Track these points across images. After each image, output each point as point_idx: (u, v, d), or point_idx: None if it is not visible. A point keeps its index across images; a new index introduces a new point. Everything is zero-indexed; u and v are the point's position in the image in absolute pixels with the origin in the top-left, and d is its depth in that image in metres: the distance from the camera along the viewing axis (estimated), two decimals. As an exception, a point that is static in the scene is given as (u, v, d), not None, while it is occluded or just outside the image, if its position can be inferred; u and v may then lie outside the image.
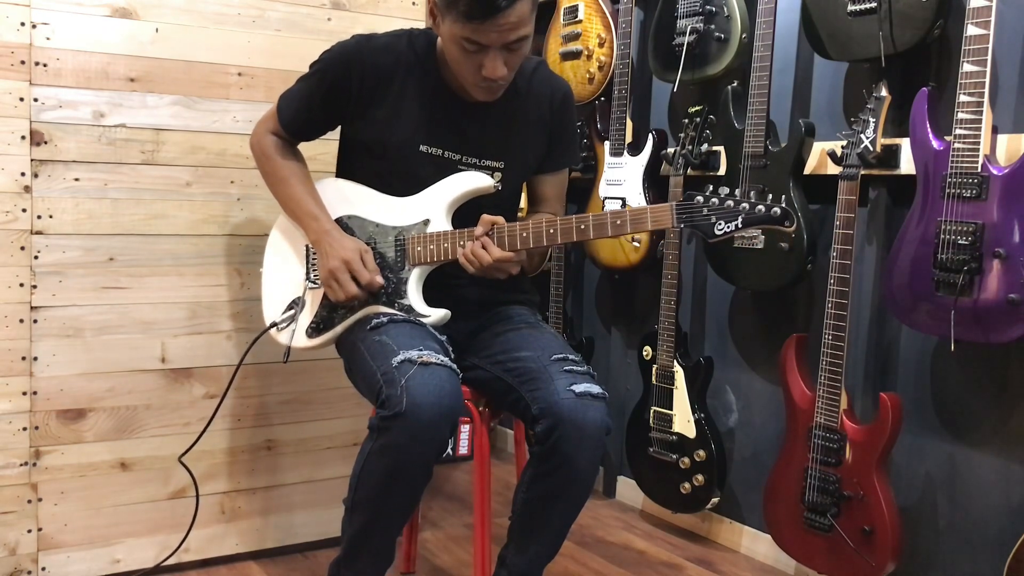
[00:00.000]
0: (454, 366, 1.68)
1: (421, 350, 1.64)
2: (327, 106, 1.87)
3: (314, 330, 1.89)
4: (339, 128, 1.94)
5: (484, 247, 1.73)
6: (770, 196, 1.63)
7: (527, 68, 1.89)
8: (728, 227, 1.61)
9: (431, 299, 1.83)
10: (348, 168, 1.94)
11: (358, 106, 1.84)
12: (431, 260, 1.81)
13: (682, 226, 1.64)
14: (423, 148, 1.83)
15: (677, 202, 1.64)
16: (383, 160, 1.86)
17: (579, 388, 1.67)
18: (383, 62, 1.81)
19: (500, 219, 1.75)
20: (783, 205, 1.58)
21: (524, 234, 1.73)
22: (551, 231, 1.71)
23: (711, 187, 1.64)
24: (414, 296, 1.81)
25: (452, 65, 1.76)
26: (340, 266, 1.78)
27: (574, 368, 1.72)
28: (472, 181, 1.83)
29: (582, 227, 1.70)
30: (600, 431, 1.67)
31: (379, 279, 1.81)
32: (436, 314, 1.80)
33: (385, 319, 1.77)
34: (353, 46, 1.83)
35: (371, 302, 1.84)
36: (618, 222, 1.68)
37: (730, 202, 1.60)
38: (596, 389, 1.69)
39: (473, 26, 1.63)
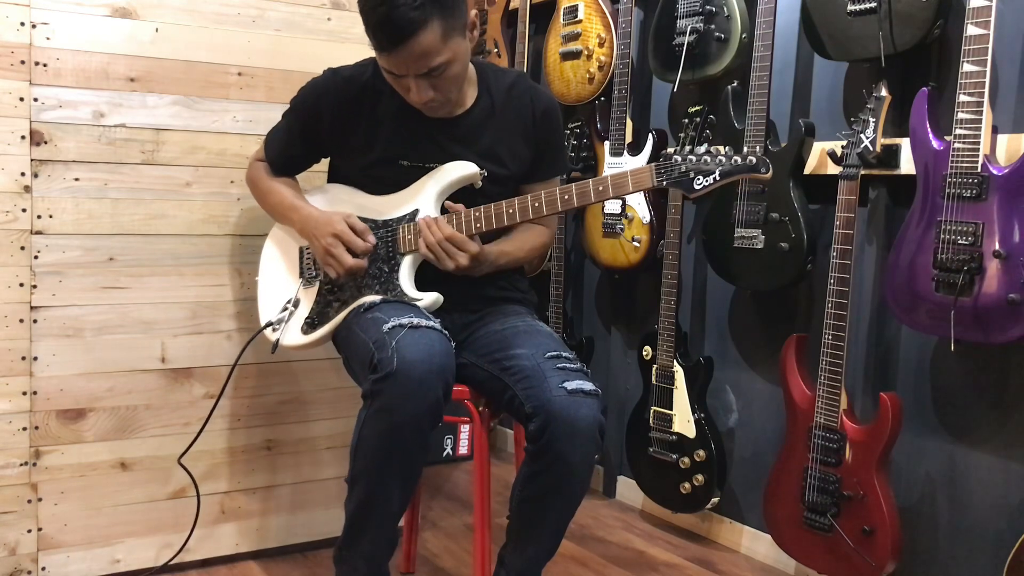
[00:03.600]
0: (445, 332, 1.70)
1: (412, 317, 1.68)
2: (306, 141, 1.96)
3: (309, 326, 1.90)
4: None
5: (437, 223, 1.79)
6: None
7: (503, 83, 1.94)
8: (707, 181, 1.67)
9: (428, 291, 1.85)
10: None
11: (333, 137, 1.91)
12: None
13: (664, 183, 1.69)
14: (403, 163, 1.89)
15: (656, 162, 1.70)
16: (368, 179, 1.91)
17: (571, 385, 1.68)
18: (350, 93, 1.88)
19: (460, 206, 1.81)
20: (758, 154, 1.65)
21: (477, 213, 1.79)
22: (510, 211, 1.78)
23: (689, 147, 1.69)
24: (406, 283, 1.84)
25: None
26: (333, 241, 1.83)
27: (567, 366, 1.73)
28: (458, 170, 1.86)
29: (566, 197, 1.75)
30: (592, 427, 1.68)
31: (371, 238, 1.85)
32: (428, 297, 1.82)
33: (378, 300, 1.81)
34: (321, 82, 1.92)
35: (365, 292, 1.86)
36: (600, 188, 1.72)
37: (707, 157, 1.67)
38: (588, 386, 1.70)
39: (384, 56, 1.70)
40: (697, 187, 1.67)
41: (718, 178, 1.66)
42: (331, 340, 1.94)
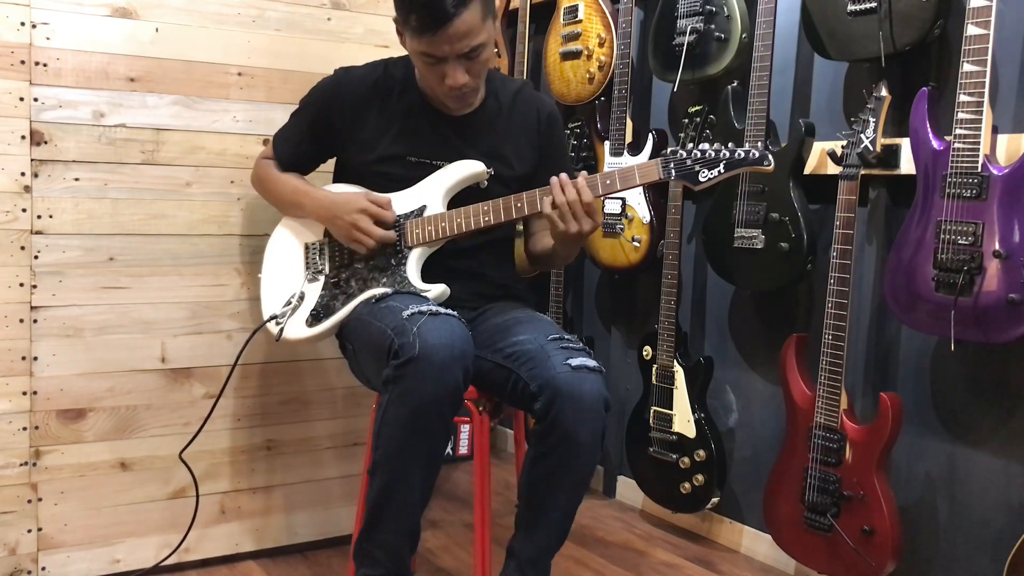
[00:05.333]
0: (463, 320, 1.71)
1: (430, 305, 1.70)
2: (315, 138, 1.98)
3: (314, 318, 1.91)
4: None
5: (575, 185, 1.77)
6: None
7: (511, 88, 2.00)
8: (712, 173, 1.72)
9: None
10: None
11: (343, 134, 1.93)
12: (428, 239, 1.86)
13: (672, 176, 1.73)
14: (411, 159, 1.91)
15: (662, 156, 1.75)
16: (375, 175, 1.93)
17: (575, 362, 1.69)
18: (361, 90, 1.92)
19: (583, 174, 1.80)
20: (760, 148, 1.71)
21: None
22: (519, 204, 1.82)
23: (692, 144, 1.72)
24: (413, 276, 1.86)
25: (421, 78, 1.87)
26: (358, 216, 1.85)
27: (570, 345, 1.75)
28: (466, 168, 1.89)
29: (607, 182, 1.77)
30: (598, 402, 1.69)
31: (395, 208, 1.88)
32: (436, 289, 1.84)
33: (391, 291, 1.83)
34: (333, 80, 1.95)
35: (372, 285, 1.87)
36: (608, 181, 1.77)
37: (711, 151, 1.72)
38: (592, 363, 1.71)
39: (426, 39, 1.73)
40: (702, 179, 1.72)
41: (723, 170, 1.71)
42: (335, 336, 1.94)
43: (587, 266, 3.04)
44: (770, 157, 1.71)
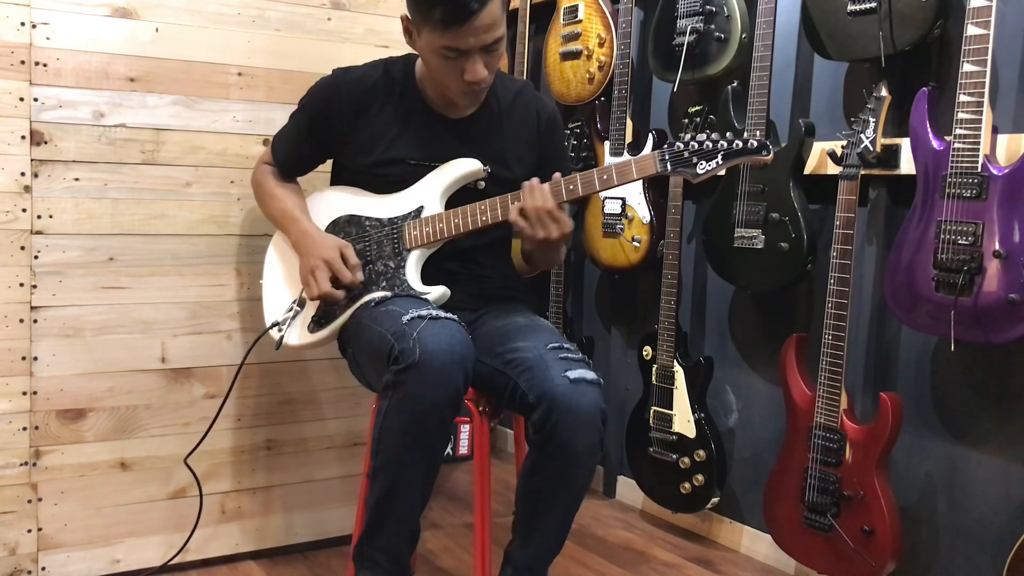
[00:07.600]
0: (463, 324, 1.71)
1: (429, 309, 1.70)
2: (313, 139, 1.96)
3: (316, 324, 1.91)
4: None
5: (544, 192, 1.77)
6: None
7: (511, 89, 1.98)
8: (709, 165, 1.71)
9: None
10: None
11: (342, 135, 1.92)
12: (427, 240, 1.86)
13: (668, 169, 1.72)
14: (411, 161, 1.90)
15: (659, 149, 1.73)
16: (374, 177, 1.92)
17: (573, 374, 1.69)
18: (360, 91, 1.90)
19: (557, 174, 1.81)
20: (759, 138, 1.64)
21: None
22: (572, 186, 1.79)
23: (690, 135, 1.73)
24: (413, 278, 1.85)
25: (434, 76, 1.84)
26: (320, 264, 1.84)
27: (569, 356, 1.74)
28: (462, 166, 1.88)
29: (571, 187, 1.77)
30: (595, 415, 1.69)
31: (359, 275, 1.86)
32: (436, 291, 1.83)
33: (390, 294, 1.82)
34: (331, 80, 1.93)
35: (371, 289, 1.87)
36: (604, 177, 1.75)
37: (708, 142, 1.71)
38: (590, 375, 1.71)
39: (451, 33, 1.71)
40: (700, 171, 1.71)
41: (720, 161, 1.70)
42: (335, 339, 1.94)
43: (587, 266, 3.04)
44: (769, 146, 1.69)
